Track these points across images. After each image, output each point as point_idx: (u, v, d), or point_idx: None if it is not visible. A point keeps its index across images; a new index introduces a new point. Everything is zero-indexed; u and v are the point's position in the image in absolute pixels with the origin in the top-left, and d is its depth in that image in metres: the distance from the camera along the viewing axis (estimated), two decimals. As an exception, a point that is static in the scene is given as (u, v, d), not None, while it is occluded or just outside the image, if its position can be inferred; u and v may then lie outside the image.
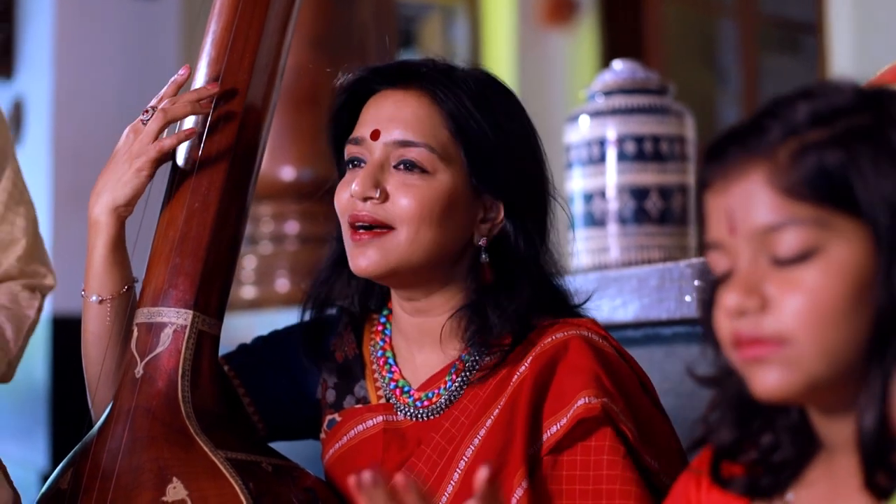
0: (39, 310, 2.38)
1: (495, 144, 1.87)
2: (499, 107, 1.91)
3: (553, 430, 1.78)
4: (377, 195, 1.85)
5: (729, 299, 1.26)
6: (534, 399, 1.80)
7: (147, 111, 1.99)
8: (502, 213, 1.90)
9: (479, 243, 1.90)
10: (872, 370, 1.23)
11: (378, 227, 1.86)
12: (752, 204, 1.26)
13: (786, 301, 1.23)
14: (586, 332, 1.85)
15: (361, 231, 1.87)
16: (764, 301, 1.24)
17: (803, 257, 1.23)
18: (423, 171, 1.86)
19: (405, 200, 1.85)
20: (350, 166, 1.92)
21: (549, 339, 1.84)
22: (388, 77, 1.93)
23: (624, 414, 1.77)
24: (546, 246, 1.93)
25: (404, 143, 1.86)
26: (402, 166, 1.86)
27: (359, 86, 1.96)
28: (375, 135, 1.88)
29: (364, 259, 1.87)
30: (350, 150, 1.92)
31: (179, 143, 2.00)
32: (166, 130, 1.99)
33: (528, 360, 1.83)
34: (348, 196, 1.88)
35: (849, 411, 1.27)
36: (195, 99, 1.99)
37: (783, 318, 1.23)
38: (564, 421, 1.77)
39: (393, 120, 1.88)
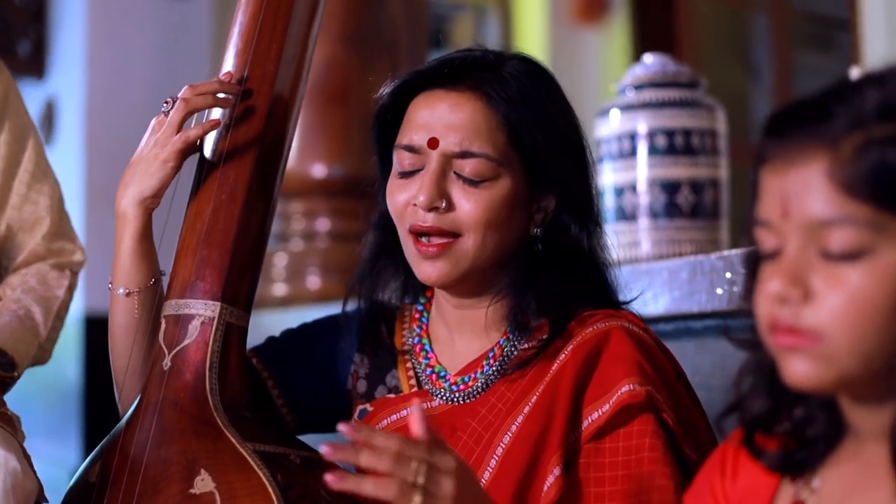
0: (70, 288, 2.39)
1: (549, 140, 1.87)
2: (548, 100, 1.90)
3: (594, 416, 1.77)
4: (443, 205, 1.85)
5: (772, 285, 1.24)
6: (575, 387, 1.79)
7: (168, 102, 1.99)
8: (554, 202, 1.89)
9: (535, 233, 1.90)
10: None
11: (441, 235, 1.86)
12: (808, 193, 1.23)
13: (828, 297, 1.21)
14: (627, 324, 1.84)
15: (426, 242, 1.86)
16: (807, 292, 1.23)
17: (852, 256, 1.21)
18: (486, 180, 1.85)
19: (470, 207, 1.84)
20: (398, 167, 1.90)
21: (591, 329, 1.83)
22: (437, 77, 1.90)
23: (666, 403, 1.77)
24: (597, 234, 1.92)
25: (464, 154, 1.85)
26: (464, 180, 1.85)
27: (405, 87, 1.94)
28: (433, 143, 1.86)
29: (434, 269, 1.86)
30: (402, 157, 1.90)
31: (205, 133, 2.00)
32: (194, 121, 1.99)
33: (569, 349, 1.83)
34: (407, 203, 1.88)
35: (882, 402, 1.26)
36: (216, 90, 2.00)
37: (823, 313, 1.22)
38: (607, 407, 1.76)
39: (450, 127, 1.86)
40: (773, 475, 1.39)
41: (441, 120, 1.87)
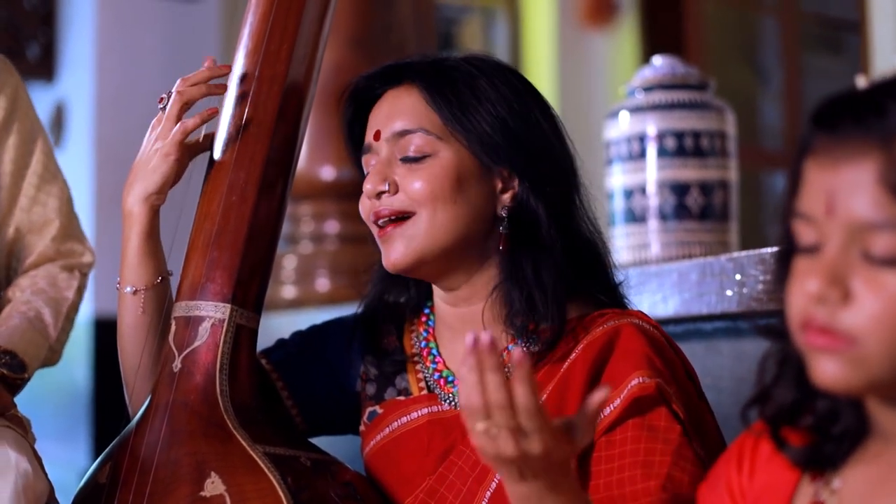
0: (80, 289, 2.39)
1: (487, 118, 1.88)
2: (487, 83, 1.90)
3: (606, 411, 1.76)
4: (387, 188, 1.88)
5: (811, 283, 1.22)
6: (586, 384, 1.79)
7: (163, 98, 2.02)
8: (517, 182, 1.90)
9: (502, 213, 1.90)
10: None
11: (398, 218, 1.88)
12: (857, 193, 1.20)
13: (867, 300, 1.20)
14: (637, 321, 1.84)
15: (384, 225, 1.89)
16: (846, 294, 1.21)
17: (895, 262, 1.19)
18: (426, 156, 1.88)
19: (415, 184, 1.87)
20: (366, 172, 1.94)
21: (601, 328, 1.83)
22: (383, 79, 1.96)
23: (676, 396, 1.76)
24: (575, 222, 1.92)
25: (402, 133, 1.90)
26: (406, 158, 1.89)
27: (364, 94, 1.99)
28: (377, 135, 1.92)
29: (393, 252, 1.88)
30: (364, 159, 1.96)
31: (203, 122, 2.01)
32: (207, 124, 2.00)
33: (580, 348, 1.83)
34: (364, 199, 1.91)
35: None
36: (207, 77, 2.03)
37: (860, 317, 1.20)
38: (618, 402, 1.75)
39: (390, 116, 1.92)
40: (791, 473, 1.38)
41: (383, 114, 1.93)
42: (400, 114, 1.91)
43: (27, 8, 5.11)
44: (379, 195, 1.89)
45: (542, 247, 1.87)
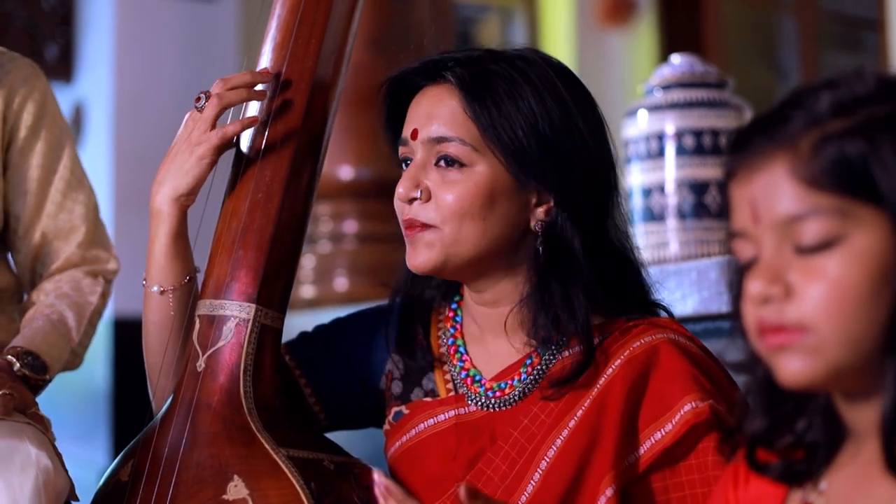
0: (104, 295, 2.40)
1: (526, 131, 1.84)
2: (534, 94, 1.86)
3: (657, 436, 1.76)
4: (419, 195, 1.86)
5: (753, 287, 1.27)
6: (627, 406, 1.78)
7: (200, 97, 1.98)
8: (552, 198, 1.87)
9: (536, 228, 1.88)
10: (892, 356, 1.24)
11: (423, 226, 1.86)
12: (774, 194, 1.27)
13: (808, 289, 1.24)
14: (673, 336, 1.83)
15: (411, 227, 1.87)
16: (787, 289, 1.25)
17: (826, 246, 1.24)
18: (461, 164, 1.85)
19: (447, 197, 1.84)
20: (403, 166, 1.92)
21: (638, 343, 1.82)
22: (424, 73, 1.92)
23: (728, 413, 1.75)
24: (609, 234, 1.89)
25: (440, 139, 1.86)
26: (441, 162, 1.86)
27: (403, 86, 1.95)
28: (414, 134, 1.89)
29: (416, 256, 1.87)
30: (401, 151, 1.93)
31: (243, 129, 1.99)
32: (230, 116, 1.99)
33: (617, 363, 1.81)
34: (397, 199, 1.90)
35: (872, 397, 1.28)
36: (249, 82, 1.99)
37: (805, 305, 1.24)
38: (670, 426, 1.75)
39: (430, 117, 1.88)
40: (781, 485, 1.41)
41: (423, 112, 1.89)
42: (438, 117, 1.87)
43: (46, 9, 5.13)
44: (410, 200, 1.87)
45: (574, 267, 1.85)
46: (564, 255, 1.86)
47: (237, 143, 2.02)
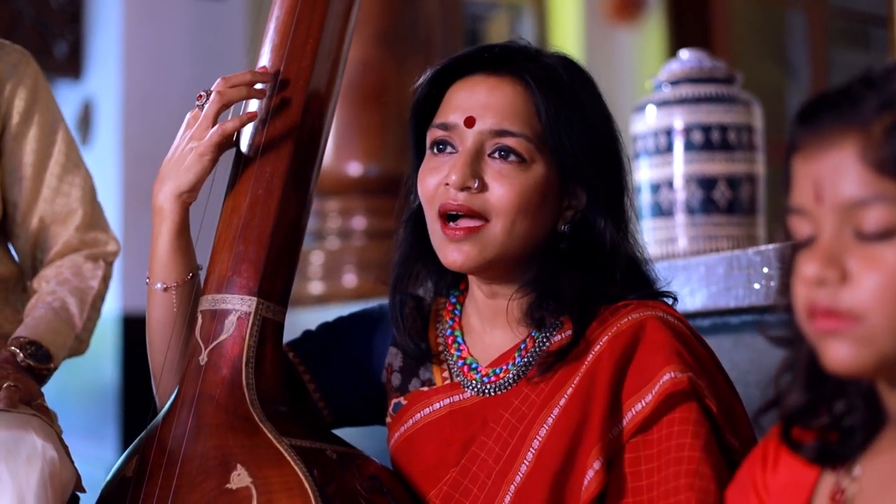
0: (105, 279, 2.40)
1: (580, 135, 1.85)
2: (584, 94, 1.89)
3: (637, 407, 1.76)
4: (475, 185, 1.83)
5: (809, 268, 1.24)
6: (613, 379, 1.78)
7: (201, 96, 1.99)
8: (585, 200, 1.88)
9: (562, 229, 1.88)
10: None
11: (471, 217, 1.84)
12: (841, 175, 1.23)
13: (865, 277, 1.21)
14: (661, 313, 1.83)
15: (453, 225, 1.85)
16: (843, 274, 1.22)
17: (888, 235, 1.21)
18: (521, 160, 1.84)
19: (503, 191, 1.83)
20: (435, 150, 1.90)
21: (626, 320, 1.82)
22: (477, 63, 1.90)
23: (708, 390, 1.76)
24: (627, 231, 1.91)
25: (502, 133, 1.84)
26: (498, 154, 1.84)
27: (444, 74, 1.94)
28: (470, 122, 1.86)
29: (459, 254, 1.85)
30: (436, 135, 1.89)
31: (242, 125, 2.00)
32: (231, 113, 1.99)
33: (604, 340, 1.81)
34: (438, 184, 1.87)
35: None
36: (249, 81, 2.00)
37: (860, 294, 1.21)
38: (650, 397, 1.75)
39: (488, 107, 1.86)
40: (813, 467, 1.39)
41: (479, 101, 1.86)
42: (503, 110, 1.85)
43: (55, 6, 5.14)
44: (463, 188, 1.84)
45: (591, 259, 1.87)
46: (589, 255, 1.87)
47: (237, 142, 2.03)
